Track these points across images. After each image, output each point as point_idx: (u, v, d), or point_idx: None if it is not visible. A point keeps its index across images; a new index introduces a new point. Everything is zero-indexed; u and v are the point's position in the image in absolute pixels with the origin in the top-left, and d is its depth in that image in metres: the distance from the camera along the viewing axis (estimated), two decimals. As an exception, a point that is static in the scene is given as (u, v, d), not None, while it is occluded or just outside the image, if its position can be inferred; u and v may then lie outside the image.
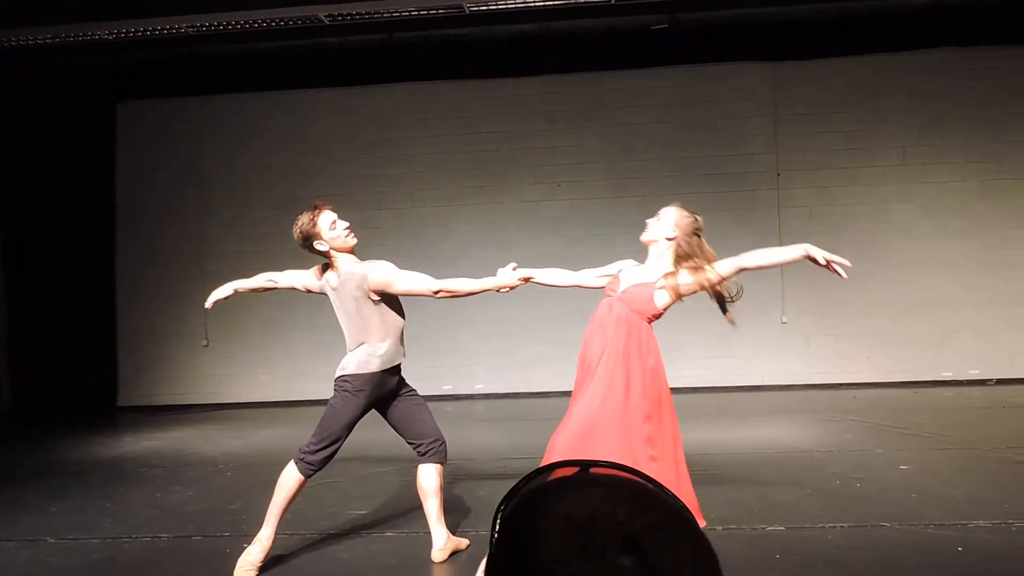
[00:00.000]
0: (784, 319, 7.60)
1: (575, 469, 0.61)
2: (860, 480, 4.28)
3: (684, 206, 3.27)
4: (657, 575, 0.51)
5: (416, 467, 3.48)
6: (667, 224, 3.23)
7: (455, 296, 3.38)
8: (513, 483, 0.62)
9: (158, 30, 6.85)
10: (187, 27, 6.79)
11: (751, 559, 3.20)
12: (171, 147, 8.21)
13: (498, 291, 3.36)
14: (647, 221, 3.31)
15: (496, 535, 0.57)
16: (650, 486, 0.58)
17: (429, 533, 3.47)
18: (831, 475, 4.41)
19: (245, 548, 3.50)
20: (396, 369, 3.42)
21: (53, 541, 3.85)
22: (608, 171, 7.82)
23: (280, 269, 3.82)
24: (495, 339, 7.78)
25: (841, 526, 3.58)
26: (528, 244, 7.79)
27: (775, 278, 7.61)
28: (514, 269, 3.38)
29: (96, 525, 4.08)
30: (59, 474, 5.29)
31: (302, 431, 6.72)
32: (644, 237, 3.31)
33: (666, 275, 3.17)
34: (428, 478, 3.41)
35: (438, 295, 3.33)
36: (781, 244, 7.59)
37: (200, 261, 8.13)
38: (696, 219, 3.23)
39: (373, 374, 3.31)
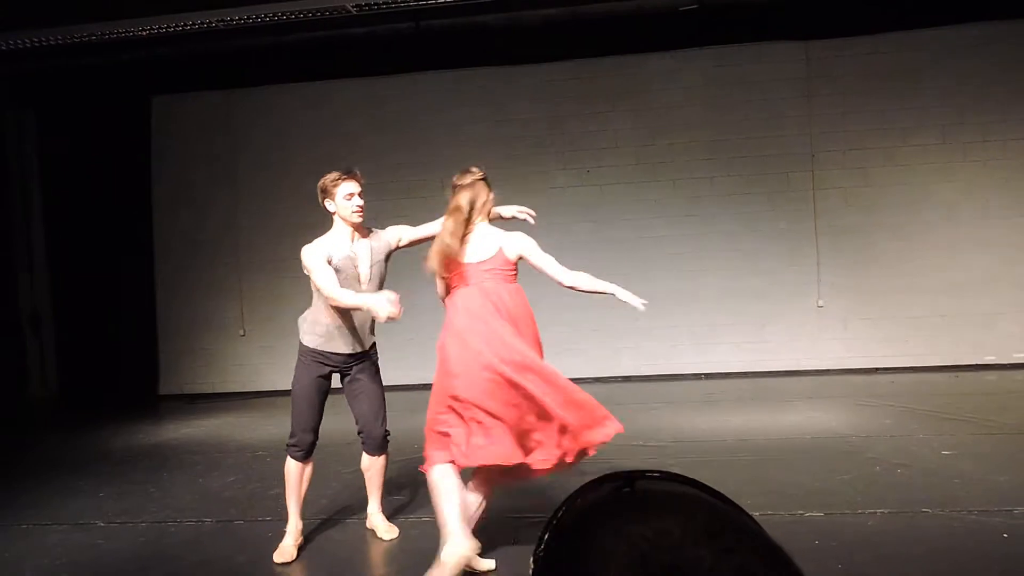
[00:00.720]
0: (820, 303, 7.48)
1: (620, 483, 0.51)
2: (900, 466, 4.22)
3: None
4: None
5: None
6: None
7: (340, 305, 3.30)
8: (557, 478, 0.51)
9: (188, 25, 6.93)
10: (217, 21, 6.86)
11: (789, 545, 3.16)
12: (204, 140, 8.32)
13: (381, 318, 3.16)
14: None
15: (536, 564, 0.47)
16: (722, 505, 0.49)
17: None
18: (870, 460, 4.35)
19: (286, 531, 3.59)
20: (342, 356, 3.44)
21: (103, 524, 3.98)
22: (638, 155, 7.75)
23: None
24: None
25: (881, 512, 3.53)
26: (558, 231, 7.75)
27: (811, 261, 7.50)
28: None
29: (143, 509, 4.20)
30: (105, 460, 5.45)
31: (337, 418, 6.83)
32: None
33: None
34: (364, 462, 3.65)
35: (330, 300, 3.31)
36: (816, 227, 7.51)
37: (235, 252, 8.26)
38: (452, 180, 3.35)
39: (309, 347, 3.44)
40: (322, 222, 3.69)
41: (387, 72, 7.98)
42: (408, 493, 4.28)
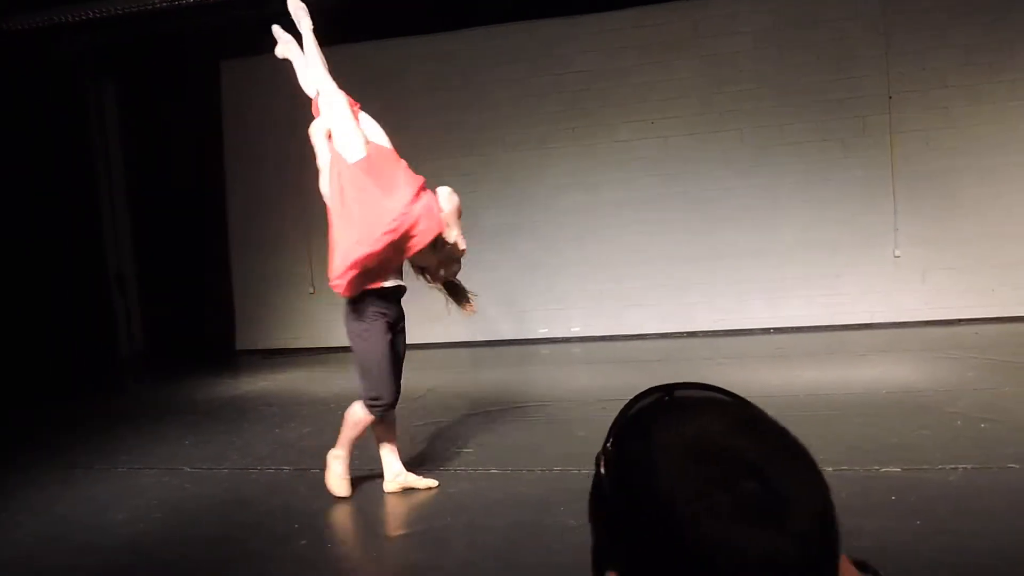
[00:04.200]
0: (897, 252, 7.16)
1: (661, 394, 0.62)
2: (985, 420, 4.04)
3: None
4: (779, 496, 0.53)
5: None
6: None
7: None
8: (609, 423, 0.62)
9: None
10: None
11: (865, 501, 3.08)
12: (272, 102, 8.44)
13: None
14: None
15: (606, 466, 0.57)
16: (754, 409, 0.59)
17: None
18: (951, 415, 4.18)
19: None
20: None
21: (189, 470, 4.21)
22: (703, 105, 7.50)
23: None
24: (589, 283, 7.74)
25: (964, 467, 3.40)
26: (622, 185, 7.63)
27: (887, 210, 7.16)
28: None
29: (224, 457, 4.41)
30: (189, 410, 5.74)
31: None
32: None
33: None
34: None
35: None
36: (894, 173, 7.15)
37: (303, 211, 8.43)
38: None
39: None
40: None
41: (447, 28, 7.89)
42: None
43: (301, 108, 4.31)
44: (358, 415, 3.55)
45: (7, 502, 3.84)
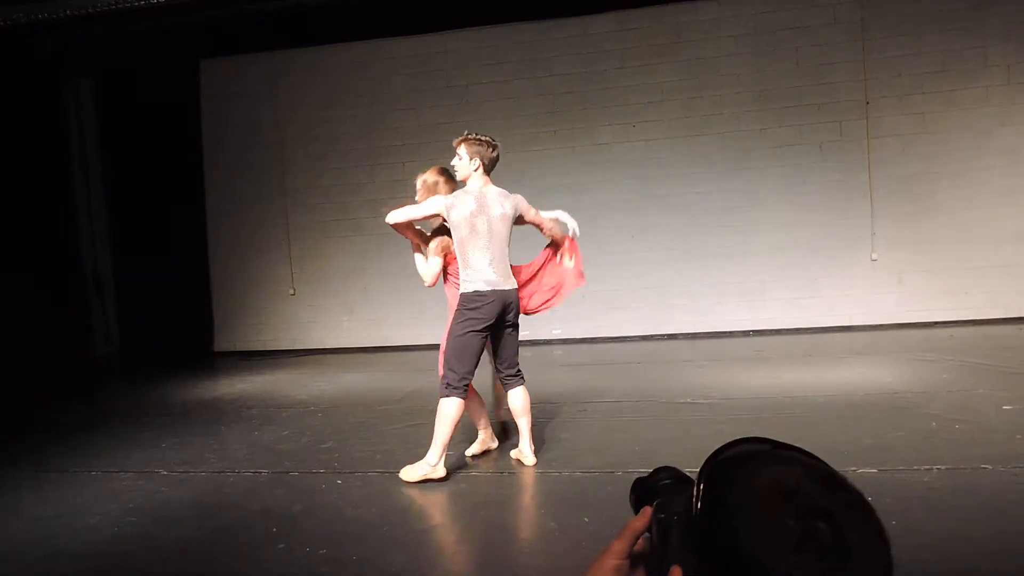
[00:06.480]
0: (874, 256, 7.26)
1: (766, 445, 0.68)
2: (959, 421, 4.10)
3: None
4: (845, 543, 0.57)
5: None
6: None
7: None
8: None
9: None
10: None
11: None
12: (251, 102, 8.39)
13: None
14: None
15: (702, 488, 0.64)
16: (836, 472, 0.65)
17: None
18: (926, 416, 4.24)
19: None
20: None
21: (165, 473, 4.15)
22: (686, 108, 7.55)
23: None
24: (571, 284, 7.74)
25: (938, 468, 3.45)
26: (603, 188, 7.66)
27: (864, 213, 7.26)
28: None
29: (202, 460, 4.36)
30: (166, 413, 5.66)
31: (383, 375, 6.96)
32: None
33: None
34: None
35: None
36: (871, 177, 7.24)
37: (284, 214, 8.37)
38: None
39: None
40: (367, 184, 3.72)
41: (430, 30, 7.87)
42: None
43: (280, 108, 4.26)
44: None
45: (-24, 507, 3.76)
